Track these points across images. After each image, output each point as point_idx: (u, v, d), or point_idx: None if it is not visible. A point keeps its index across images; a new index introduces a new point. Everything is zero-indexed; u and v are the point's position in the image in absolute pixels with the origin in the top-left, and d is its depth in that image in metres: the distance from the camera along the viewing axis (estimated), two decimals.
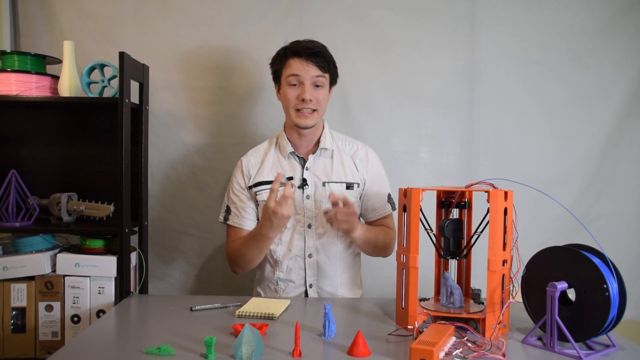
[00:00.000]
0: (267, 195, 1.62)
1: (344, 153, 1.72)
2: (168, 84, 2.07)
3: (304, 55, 1.61)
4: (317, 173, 1.67)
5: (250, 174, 1.70)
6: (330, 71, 1.66)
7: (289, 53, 1.63)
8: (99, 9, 2.05)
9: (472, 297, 1.43)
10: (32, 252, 1.64)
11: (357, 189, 1.69)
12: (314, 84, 1.62)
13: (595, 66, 2.13)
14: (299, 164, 1.69)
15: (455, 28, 2.11)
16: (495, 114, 2.13)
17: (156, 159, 2.08)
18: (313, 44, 1.63)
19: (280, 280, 1.68)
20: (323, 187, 1.66)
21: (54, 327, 1.62)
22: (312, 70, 1.61)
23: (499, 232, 1.25)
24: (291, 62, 1.62)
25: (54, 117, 1.95)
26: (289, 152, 1.68)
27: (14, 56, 1.72)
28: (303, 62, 1.61)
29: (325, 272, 1.67)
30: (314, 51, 1.61)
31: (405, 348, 1.17)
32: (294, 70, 1.61)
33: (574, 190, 2.15)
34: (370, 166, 1.73)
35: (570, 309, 1.20)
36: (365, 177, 1.71)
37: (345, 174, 1.68)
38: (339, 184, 1.67)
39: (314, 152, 1.69)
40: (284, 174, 1.65)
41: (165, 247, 2.13)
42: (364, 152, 1.74)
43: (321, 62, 1.62)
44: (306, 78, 1.61)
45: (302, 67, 1.60)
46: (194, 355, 1.12)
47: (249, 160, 1.72)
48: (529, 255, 1.29)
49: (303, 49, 1.61)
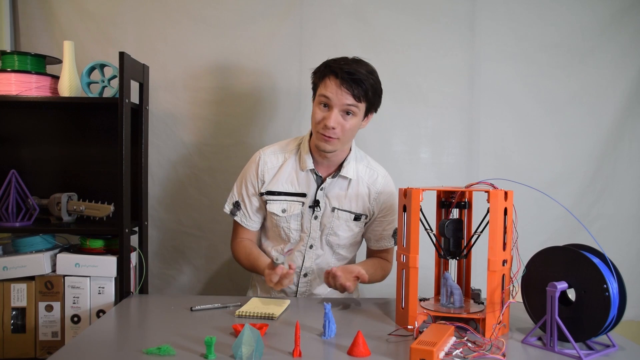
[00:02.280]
0: (277, 207, 1.62)
1: (362, 181, 1.64)
2: (168, 84, 2.07)
3: (340, 78, 1.47)
4: (330, 197, 1.62)
5: (264, 179, 1.63)
6: (368, 100, 1.53)
7: (328, 71, 1.50)
8: (99, 9, 2.05)
9: (472, 297, 1.43)
10: (32, 252, 1.64)
11: (363, 220, 1.66)
12: (344, 111, 1.50)
13: (595, 66, 2.13)
14: (315, 182, 1.63)
15: (455, 28, 2.10)
16: (495, 114, 2.13)
17: (156, 159, 2.08)
18: (357, 68, 1.49)
19: (273, 289, 1.68)
20: (332, 213, 1.62)
21: (54, 327, 1.62)
22: (344, 98, 1.48)
23: (499, 232, 1.25)
24: (327, 82, 1.50)
25: (54, 117, 1.95)
26: (309, 169, 1.62)
27: (14, 56, 1.72)
28: (338, 86, 1.47)
29: (317, 289, 1.69)
30: (353, 77, 1.47)
31: (405, 348, 1.17)
32: (326, 92, 1.49)
33: (574, 191, 2.15)
34: (383, 200, 1.66)
35: (570, 309, 1.20)
36: (376, 210, 1.66)
37: (357, 204, 1.63)
38: (348, 213, 1.63)
39: (333, 176, 1.62)
40: (304, 192, 1.61)
41: (165, 247, 2.13)
42: (382, 183, 1.66)
43: (358, 90, 1.48)
44: (336, 104, 1.49)
45: (335, 92, 1.48)
46: (194, 355, 1.12)
47: (267, 160, 1.65)
48: (529, 255, 1.29)
49: (342, 72, 1.47)
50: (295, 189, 1.62)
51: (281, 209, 1.62)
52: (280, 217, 1.62)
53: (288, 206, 1.62)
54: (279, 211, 1.62)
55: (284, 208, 1.62)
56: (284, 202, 1.62)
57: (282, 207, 1.62)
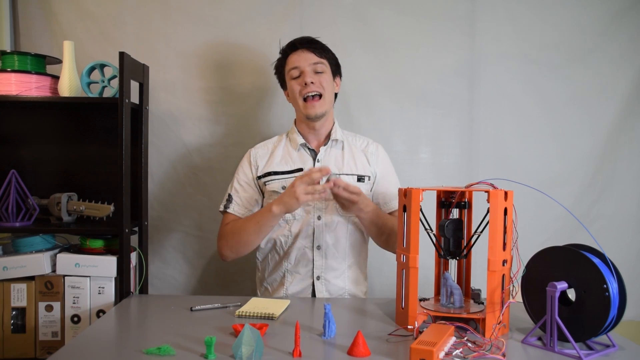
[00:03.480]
0: (277, 184, 1.66)
1: (355, 147, 1.75)
2: (168, 84, 2.07)
3: (299, 46, 1.68)
4: (329, 165, 1.68)
5: (258, 165, 1.72)
6: (329, 58, 1.71)
7: (286, 50, 1.71)
8: (99, 9, 2.05)
9: (472, 297, 1.43)
10: (32, 252, 1.64)
11: (368, 182, 1.71)
12: (314, 71, 1.66)
13: (595, 66, 2.13)
14: (310, 156, 1.71)
15: (455, 28, 2.10)
16: (495, 114, 2.13)
17: (156, 159, 2.08)
18: (306, 37, 1.71)
19: (288, 272, 1.68)
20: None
21: (54, 327, 1.62)
22: (309, 58, 1.66)
23: (499, 232, 1.25)
24: (290, 58, 1.69)
25: (54, 117, 1.95)
26: (300, 144, 1.70)
27: (14, 56, 1.72)
28: (300, 52, 1.68)
29: (333, 265, 1.67)
30: (307, 39, 1.69)
31: (405, 348, 1.17)
32: (293, 63, 1.67)
33: (574, 190, 2.15)
34: (381, 160, 1.76)
35: (570, 309, 1.20)
36: (377, 170, 1.73)
37: (357, 166, 1.71)
38: (351, 176, 1.68)
39: (325, 144, 1.71)
40: (300, 167, 1.68)
41: (165, 247, 2.13)
42: (375, 147, 1.78)
43: (317, 48, 1.68)
44: (305, 65, 1.66)
45: (300, 57, 1.67)
46: (194, 355, 1.12)
47: (257, 151, 1.75)
48: (529, 255, 1.28)
49: (297, 42, 1.70)
50: (290, 167, 1.69)
51: (281, 186, 1.66)
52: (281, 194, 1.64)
53: (287, 183, 1.64)
54: (279, 188, 1.66)
55: (283, 185, 1.65)
56: (282, 180, 1.67)
57: (282, 185, 1.66)
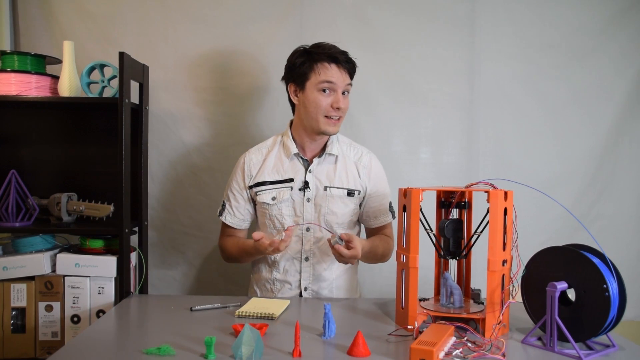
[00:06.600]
0: (267, 196, 1.64)
1: (348, 159, 1.70)
2: (168, 84, 2.07)
3: (341, 62, 1.58)
4: (320, 177, 1.66)
5: (251, 173, 1.69)
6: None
7: (322, 57, 1.58)
8: (99, 9, 2.05)
9: (472, 297, 1.43)
10: (32, 252, 1.64)
11: (357, 196, 1.68)
12: (342, 92, 1.61)
13: (595, 66, 2.13)
14: (302, 166, 1.67)
15: (455, 28, 2.10)
16: (495, 114, 2.13)
17: (156, 159, 2.08)
18: (346, 53, 1.62)
19: (277, 280, 1.68)
20: (324, 192, 1.64)
21: (54, 327, 1.62)
22: (346, 78, 1.60)
23: (499, 232, 1.25)
24: (326, 68, 1.58)
25: (54, 117, 1.95)
26: (293, 153, 1.66)
27: (14, 56, 1.72)
28: (340, 69, 1.59)
29: (321, 276, 1.67)
30: (348, 58, 1.61)
31: (405, 348, 1.17)
32: (330, 77, 1.57)
33: (574, 190, 2.15)
34: (373, 174, 1.71)
35: (570, 309, 1.20)
36: (367, 185, 1.70)
37: (348, 180, 1.67)
38: (341, 189, 1.66)
39: (320, 156, 1.67)
40: (291, 177, 1.65)
41: (165, 247, 2.13)
42: (368, 159, 1.72)
43: (352, 70, 1.63)
44: (340, 86, 1.59)
45: (339, 74, 1.58)
46: (194, 355, 1.12)
47: (251, 158, 1.71)
48: (529, 255, 1.29)
49: (340, 55, 1.59)
50: (281, 176, 1.66)
51: (271, 197, 1.65)
52: (271, 205, 1.64)
53: (277, 193, 1.64)
54: (269, 199, 1.65)
55: (273, 196, 1.65)
56: (272, 190, 1.65)
57: (272, 195, 1.65)
